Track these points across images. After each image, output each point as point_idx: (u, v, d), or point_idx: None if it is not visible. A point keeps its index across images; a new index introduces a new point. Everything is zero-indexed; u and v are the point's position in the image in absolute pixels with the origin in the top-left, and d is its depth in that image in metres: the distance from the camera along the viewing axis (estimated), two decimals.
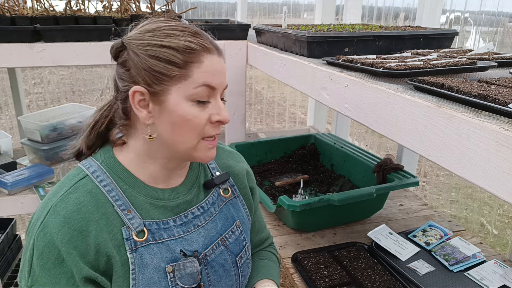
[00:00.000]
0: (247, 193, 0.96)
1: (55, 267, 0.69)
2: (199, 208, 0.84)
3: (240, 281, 0.88)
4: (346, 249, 1.34)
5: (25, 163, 1.90)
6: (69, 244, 0.69)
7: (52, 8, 1.62)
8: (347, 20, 1.97)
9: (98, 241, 0.71)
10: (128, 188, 0.77)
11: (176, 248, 0.78)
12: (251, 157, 1.93)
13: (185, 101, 0.72)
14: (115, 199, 0.75)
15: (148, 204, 0.78)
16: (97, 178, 0.76)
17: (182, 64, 0.70)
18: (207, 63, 0.72)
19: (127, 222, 0.74)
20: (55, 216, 0.70)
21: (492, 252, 1.35)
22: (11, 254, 2.11)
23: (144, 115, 0.73)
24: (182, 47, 0.70)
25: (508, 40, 2.66)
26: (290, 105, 4.70)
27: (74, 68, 4.46)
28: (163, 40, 0.71)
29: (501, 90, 0.70)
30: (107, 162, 0.78)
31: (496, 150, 0.56)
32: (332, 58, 1.12)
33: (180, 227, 0.80)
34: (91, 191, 0.74)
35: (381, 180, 1.55)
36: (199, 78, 0.71)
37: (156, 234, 0.77)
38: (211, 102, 0.74)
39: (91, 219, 0.71)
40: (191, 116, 0.72)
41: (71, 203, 0.72)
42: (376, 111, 0.86)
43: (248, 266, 0.92)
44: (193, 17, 2.97)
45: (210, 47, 0.73)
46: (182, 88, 0.71)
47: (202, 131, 0.74)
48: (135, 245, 0.74)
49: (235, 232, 0.89)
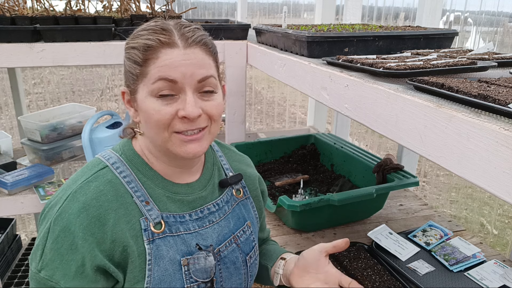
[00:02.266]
0: (258, 195, 0.99)
1: (68, 253, 0.69)
2: (215, 204, 0.86)
3: (248, 281, 0.90)
4: (346, 249, 1.33)
5: (25, 163, 1.90)
6: (86, 230, 0.70)
7: (52, 8, 1.62)
8: (347, 20, 1.97)
9: (116, 230, 0.72)
10: (146, 180, 0.79)
11: (192, 242, 0.79)
12: (251, 157, 1.91)
13: (150, 97, 0.73)
14: (134, 190, 0.76)
15: (166, 197, 0.80)
16: (117, 169, 0.77)
17: (142, 62, 0.73)
18: (164, 57, 0.72)
19: (146, 213, 0.75)
20: (74, 202, 0.71)
21: (492, 252, 1.35)
22: (11, 254, 2.11)
23: (132, 113, 0.79)
24: (141, 45, 0.73)
25: (508, 40, 2.66)
26: (290, 105, 4.70)
27: (74, 68, 4.45)
28: (132, 42, 0.76)
29: (501, 90, 0.70)
30: (127, 155, 0.80)
31: (496, 150, 0.56)
32: (332, 58, 1.12)
33: (195, 221, 0.82)
34: (111, 181, 0.75)
35: (381, 180, 1.55)
36: (155, 73, 0.72)
37: (173, 227, 0.78)
38: (180, 96, 0.73)
39: (110, 208, 0.73)
40: (153, 111, 0.73)
41: (91, 190, 0.73)
42: (376, 111, 0.86)
43: (256, 267, 0.93)
44: (193, 17, 2.97)
45: (171, 41, 0.73)
46: (145, 85, 0.74)
47: (168, 125, 0.73)
48: (152, 236, 0.75)
49: (246, 232, 0.90)
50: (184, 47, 0.73)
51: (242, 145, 1.90)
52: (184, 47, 0.73)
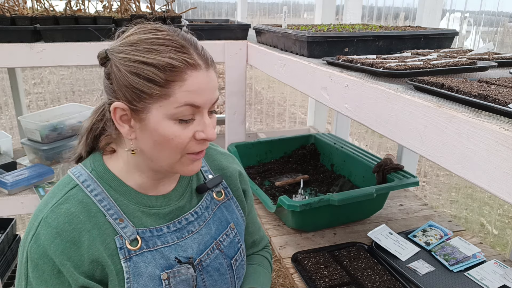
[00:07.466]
0: (240, 195, 0.95)
1: (52, 278, 0.69)
2: (193, 214, 0.83)
3: (236, 283, 0.88)
4: (346, 249, 1.34)
5: (25, 163, 1.90)
6: (62, 255, 0.68)
7: (52, 8, 1.62)
8: (347, 20, 1.97)
9: (92, 251, 0.70)
10: (119, 196, 0.76)
11: (171, 255, 0.77)
12: (251, 157, 1.93)
13: (167, 120, 0.69)
14: (106, 209, 0.74)
15: (140, 212, 0.77)
16: (88, 188, 0.75)
17: (163, 82, 0.66)
18: (191, 81, 0.68)
19: (120, 231, 0.73)
20: (47, 227, 0.69)
21: (492, 252, 1.35)
22: (11, 254, 2.11)
23: (126, 131, 0.72)
24: (163, 64, 0.66)
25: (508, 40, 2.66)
26: (290, 105, 4.70)
27: (74, 68, 4.46)
28: (144, 56, 0.67)
29: (501, 90, 0.70)
30: (97, 171, 0.77)
31: (496, 150, 0.56)
32: (332, 58, 1.12)
33: (174, 233, 0.79)
34: (82, 201, 0.73)
35: (381, 180, 1.55)
36: (181, 98, 0.67)
37: (150, 242, 0.76)
38: (196, 119, 0.71)
39: (84, 230, 0.71)
40: (172, 136, 0.69)
41: (62, 214, 0.71)
42: (376, 111, 0.86)
43: (243, 267, 0.91)
44: (193, 17, 2.97)
45: (196, 63, 0.69)
46: (164, 107, 0.68)
47: (185, 148, 0.71)
48: (129, 254, 0.73)
49: (229, 235, 0.88)
50: (205, 68, 0.70)
51: (242, 145, 1.89)
52: (206, 69, 0.70)
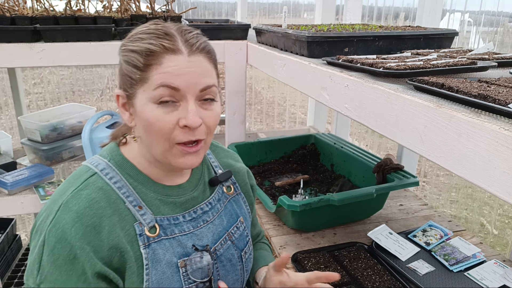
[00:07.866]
0: (248, 190, 0.99)
1: (66, 264, 0.68)
2: (207, 204, 0.86)
3: (244, 276, 0.91)
4: (346, 249, 1.34)
5: (25, 163, 1.90)
6: (82, 240, 0.69)
7: (52, 8, 1.62)
8: (347, 20, 1.97)
9: (112, 237, 0.71)
10: (137, 184, 0.78)
11: (187, 243, 0.79)
12: (251, 157, 1.93)
13: (150, 104, 0.71)
14: (126, 196, 0.76)
15: (158, 200, 0.79)
16: (107, 176, 0.76)
17: (143, 67, 0.71)
18: (167, 64, 0.70)
19: (139, 218, 0.75)
20: (67, 212, 0.70)
21: (492, 252, 1.35)
22: (11, 254, 2.11)
23: (127, 118, 0.77)
24: (143, 50, 0.71)
25: (508, 40, 2.66)
26: (290, 105, 4.70)
27: (74, 68, 4.46)
28: (132, 45, 0.73)
29: (501, 90, 0.70)
30: (115, 160, 0.79)
31: (496, 150, 0.56)
32: (332, 58, 1.12)
33: (189, 222, 0.82)
34: (102, 188, 0.74)
35: (381, 180, 1.55)
36: (157, 79, 0.70)
37: (168, 230, 0.78)
38: (181, 104, 0.72)
39: (104, 215, 0.72)
40: (154, 120, 0.71)
41: (83, 199, 0.72)
42: (376, 111, 0.86)
43: (251, 261, 0.94)
44: (193, 17, 2.97)
45: (175, 48, 0.71)
46: (146, 91, 0.71)
47: (170, 135, 0.72)
48: (148, 241, 0.75)
49: (239, 228, 0.91)
50: (188, 54, 0.72)
51: (242, 145, 1.89)
52: (188, 54, 0.72)
